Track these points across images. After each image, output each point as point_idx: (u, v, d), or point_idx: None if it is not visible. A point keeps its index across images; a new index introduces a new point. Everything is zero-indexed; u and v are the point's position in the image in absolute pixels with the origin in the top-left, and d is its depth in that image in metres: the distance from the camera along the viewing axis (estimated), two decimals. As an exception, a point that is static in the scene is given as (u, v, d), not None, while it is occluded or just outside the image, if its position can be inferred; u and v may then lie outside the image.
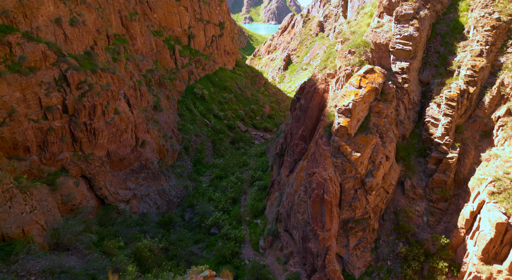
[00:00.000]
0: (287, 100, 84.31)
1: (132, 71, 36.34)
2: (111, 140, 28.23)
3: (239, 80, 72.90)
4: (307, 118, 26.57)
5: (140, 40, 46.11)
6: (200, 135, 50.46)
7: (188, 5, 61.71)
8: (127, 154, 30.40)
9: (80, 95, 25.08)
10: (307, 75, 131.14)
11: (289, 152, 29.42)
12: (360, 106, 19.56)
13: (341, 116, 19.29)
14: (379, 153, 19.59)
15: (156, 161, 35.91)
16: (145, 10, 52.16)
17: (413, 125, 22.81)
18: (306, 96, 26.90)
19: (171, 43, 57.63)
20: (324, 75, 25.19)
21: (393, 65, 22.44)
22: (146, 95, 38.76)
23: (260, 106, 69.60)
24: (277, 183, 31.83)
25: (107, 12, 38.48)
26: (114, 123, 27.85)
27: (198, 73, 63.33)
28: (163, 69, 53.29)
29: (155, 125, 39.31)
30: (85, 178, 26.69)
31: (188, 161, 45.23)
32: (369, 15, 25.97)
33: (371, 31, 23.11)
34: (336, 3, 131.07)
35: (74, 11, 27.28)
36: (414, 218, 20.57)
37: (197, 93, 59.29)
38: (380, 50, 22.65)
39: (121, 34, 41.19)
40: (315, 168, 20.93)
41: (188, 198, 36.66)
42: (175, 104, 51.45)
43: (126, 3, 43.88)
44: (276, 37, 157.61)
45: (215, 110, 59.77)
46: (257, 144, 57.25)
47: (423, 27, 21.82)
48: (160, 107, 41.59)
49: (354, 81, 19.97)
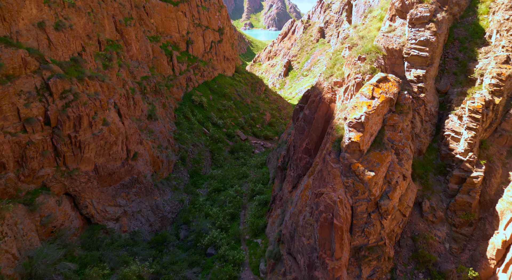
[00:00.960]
0: (288, 107, 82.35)
1: (125, 79, 34.30)
2: (99, 153, 26.02)
3: (239, 87, 71.01)
4: (312, 130, 24.39)
5: (135, 46, 44.23)
6: (197, 144, 48.27)
7: (187, 10, 60.09)
8: (117, 168, 28.15)
9: (64, 105, 22.95)
10: (308, 81, 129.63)
11: (292, 166, 27.18)
12: (374, 119, 17.40)
13: (352, 130, 17.11)
14: (395, 172, 17.36)
15: (150, 174, 33.64)
16: (141, 15, 50.43)
17: (430, 139, 20.61)
18: (311, 106, 24.75)
19: (169, 49, 55.81)
20: (331, 84, 23.09)
21: (407, 73, 20.34)
22: (140, 104, 36.67)
23: (260, 114, 67.56)
24: (279, 198, 29.51)
25: (100, 16, 36.60)
26: (103, 135, 25.67)
27: (196, 80, 61.44)
28: (159, 76, 51.34)
29: (150, 135, 37.14)
30: (69, 195, 24.41)
31: (184, 172, 42.96)
32: (378, 18, 23.97)
33: (382, 35, 21.07)
34: (337, 9, 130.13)
35: (60, 15, 25.31)
36: (434, 245, 18.24)
37: (195, 100, 57.30)
38: (393, 57, 20.57)
39: (114, 39, 39.28)
40: (322, 187, 18.67)
41: (183, 213, 34.30)
42: (172, 112, 49.38)
43: (120, 7, 42.09)
44: (276, 43, 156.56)
45: (213, 118, 57.70)
46: (257, 154, 55.00)
47: (441, 31, 19.78)
48: (155, 116, 39.47)
49: (366, 90, 17.84)
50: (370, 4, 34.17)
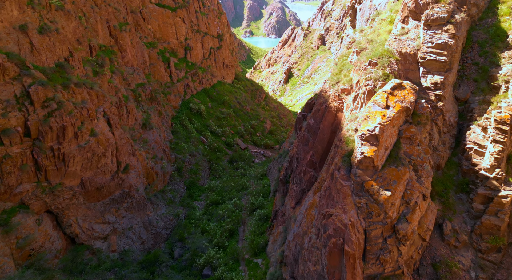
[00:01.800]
0: (289, 115, 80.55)
1: (117, 86, 32.47)
2: (86, 166, 23.97)
3: (239, 94, 69.30)
4: (317, 141, 22.39)
5: (130, 52, 42.56)
6: (195, 154, 46.22)
7: (185, 16, 58.73)
8: (106, 181, 26.06)
9: (46, 114, 21.00)
10: (308, 89, 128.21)
11: (295, 180, 25.10)
12: (389, 131, 15.42)
13: (364, 144, 15.10)
14: (414, 191, 15.30)
15: (143, 187, 31.52)
16: (138, 20, 48.93)
17: (449, 152, 18.59)
18: (316, 116, 22.80)
19: (166, 56, 54.23)
20: (337, 91, 21.17)
21: (423, 79, 18.44)
22: (134, 112, 34.75)
23: (260, 122, 65.68)
24: (281, 214, 27.35)
25: (93, 21, 34.97)
26: (90, 146, 23.65)
27: (194, 87, 59.74)
28: (156, 83, 49.60)
29: (144, 146, 35.13)
30: (52, 213, 22.28)
31: (181, 184, 40.82)
32: (388, 21, 22.19)
33: (394, 38, 19.24)
34: (337, 16, 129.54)
35: (46, 18, 23.56)
36: (458, 274, 16.06)
37: (193, 108, 55.47)
38: (406, 61, 18.69)
39: (108, 45, 37.61)
40: (331, 207, 16.58)
41: (179, 229, 32.04)
42: (168, 121, 47.46)
43: (115, 12, 40.54)
44: (276, 50, 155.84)
45: (212, 126, 55.78)
46: (257, 163, 52.90)
47: (460, 34, 17.94)
48: (150, 125, 37.53)
49: (380, 99, 15.90)
50: (376, 8, 32.52)
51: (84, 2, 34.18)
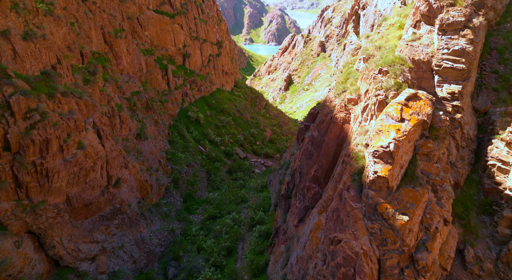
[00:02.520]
0: (290, 123, 79.03)
1: (110, 95, 30.92)
2: (72, 182, 22.23)
3: (238, 102, 67.87)
4: (321, 155, 20.71)
5: (126, 59, 41.21)
6: (192, 164, 44.48)
7: (183, 22, 57.65)
8: (95, 197, 24.30)
9: (28, 126, 19.37)
10: (309, 96, 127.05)
11: (298, 195, 23.34)
12: (404, 146, 13.75)
13: (378, 162, 13.41)
14: (435, 215, 13.57)
15: (136, 201, 29.71)
16: (134, 27, 47.76)
17: (468, 169, 16.90)
18: (320, 127, 21.16)
19: (164, 63, 52.93)
20: (344, 101, 19.58)
21: (438, 89, 16.84)
22: (128, 122, 33.14)
23: (260, 130, 64.09)
24: (283, 232, 25.50)
25: (86, 27, 33.65)
26: (77, 160, 21.95)
27: (193, 95, 58.32)
28: (153, 91, 48.16)
29: (138, 157, 33.43)
30: (33, 234, 20.47)
31: (177, 196, 38.99)
32: (397, 26, 20.73)
33: (406, 45, 17.72)
34: (338, 23, 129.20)
35: (32, 23, 22.12)
36: (484, 308, 14.22)
37: (192, 116, 53.94)
38: (420, 69, 17.13)
39: (102, 52, 36.24)
40: (339, 232, 14.81)
41: (174, 246, 30.13)
42: (165, 130, 45.86)
43: (111, 18, 39.31)
44: (276, 58, 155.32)
45: (211, 135, 54.17)
46: (257, 174, 51.10)
47: (478, 39, 16.43)
48: (145, 135, 35.89)
49: (393, 111, 14.27)
50: (381, 14, 31.16)
51: (77, 8, 32.93)
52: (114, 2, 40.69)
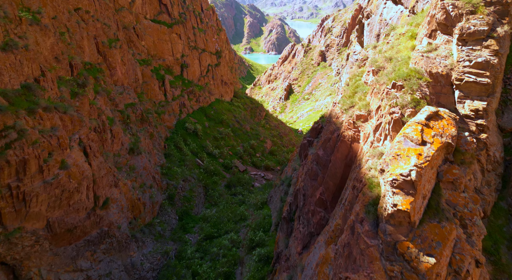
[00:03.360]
0: (290, 133, 77.24)
1: (101, 107, 29.17)
2: (54, 205, 20.24)
3: (238, 112, 66.21)
4: (328, 177, 18.78)
5: (121, 70, 39.65)
6: (189, 179, 42.45)
7: (182, 32, 56.45)
8: (79, 221, 22.25)
9: (3, 146, 17.50)
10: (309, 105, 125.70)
11: (301, 219, 21.31)
12: (427, 174, 11.85)
13: (397, 193, 11.49)
14: (465, 256, 11.58)
15: (126, 222, 27.62)
16: (130, 36, 46.41)
17: (495, 196, 14.97)
18: (326, 146, 19.29)
19: (161, 73, 51.44)
20: (352, 118, 17.77)
21: (459, 105, 15.03)
22: (120, 136, 31.30)
23: (260, 141, 62.24)
24: (285, 258, 23.36)
25: (78, 37, 32.17)
26: (59, 181, 20.01)
27: (191, 106, 56.69)
28: (149, 102, 46.50)
29: (130, 173, 31.47)
30: (7, 265, 18.37)
31: (172, 214, 36.85)
32: (408, 36, 19.09)
33: (421, 56, 16.00)
34: (338, 33, 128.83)
35: (13, 33, 20.50)
36: None
37: (189, 128, 52.16)
38: (438, 84, 15.36)
39: (95, 62, 34.68)
40: (352, 272, 12.77)
41: (167, 271, 27.89)
42: (161, 142, 44.00)
43: (105, 28, 37.90)
44: (276, 67, 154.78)
45: (209, 147, 52.29)
46: (257, 188, 49.03)
47: (503, 50, 14.71)
48: (139, 149, 34.00)
49: (412, 132, 12.42)
50: (387, 23, 29.63)
51: (68, 17, 31.51)
52: (109, 12, 39.37)
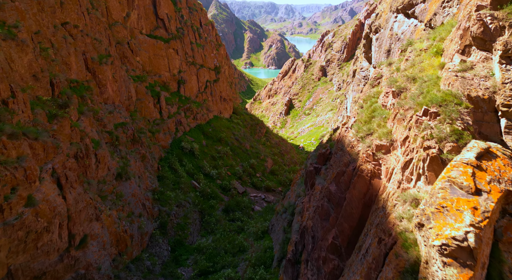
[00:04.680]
0: (292, 151, 74.31)
1: (85, 130, 26.37)
2: (17, 250, 17.07)
3: (237, 130, 63.52)
4: (342, 217, 15.72)
5: (112, 87, 37.15)
6: (184, 204, 39.19)
7: (179, 47, 54.49)
8: (50, 265, 18.99)
9: (-48, 183, 14.53)
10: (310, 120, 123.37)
11: (310, 265, 18.08)
12: (486, 235, 8.86)
13: (450, 264, 8.47)
14: None
15: (109, 261, 24.27)
16: (124, 52, 44.23)
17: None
18: (339, 180, 16.33)
19: (156, 90, 49.04)
20: (371, 148, 14.89)
21: (507, 137, 12.18)
22: (107, 160, 28.37)
23: (261, 160, 59.23)
24: (290, 308, 19.96)
25: (64, 53, 29.76)
26: (23, 222, 16.92)
27: (188, 123, 54.03)
28: (142, 121, 43.83)
29: (116, 202, 28.31)
30: (-49, 329, 15.04)
31: (164, 245, 33.41)
32: (433, 51, 16.49)
33: (455, 76, 13.28)
34: (338, 48, 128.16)
35: (-21, 49, 17.91)
36: None
37: (185, 147, 49.28)
38: (478, 110, 12.58)
39: (83, 80, 32.17)
40: None
41: (154, 317, 24.34)
42: (154, 164, 41.01)
43: (96, 43, 35.65)
44: (276, 82, 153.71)
45: (206, 167, 49.23)
46: (257, 212, 45.69)
47: (560, 70, 11.98)
48: (127, 174, 30.98)
49: (461, 177, 9.53)
50: (398, 37, 27.28)
51: (53, 32, 29.21)
52: (101, 26, 37.26)
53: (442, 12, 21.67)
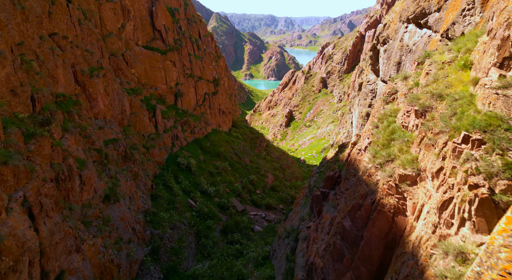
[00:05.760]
0: (293, 165, 71.78)
1: (69, 149, 24.03)
2: (-26, 296, 14.44)
3: (236, 144, 61.21)
4: (359, 260, 13.20)
5: (103, 101, 35.03)
6: (178, 226, 36.46)
7: (176, 59, 52.77)
8: (16, 310, 16.28)
9: None
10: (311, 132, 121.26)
11: (319, 312, 15.41)
12: None
13: None
14: None
15: (90, 297, 21.51)
16: (119, 64, 42.37)
17: None
18: (355, 216, 13.89)
19: (152, 103, 46.98)
20: (393, 179, 12.54)
21: None
22: (93, 182, 25.91)
23: (261, 176, 56.68)
24: None
25: (51, 66, 27.74)
26: (-17, 263, 14.35)
27: (185, 138, 51.75)
28: (136, 136, 41.56)
29: (103, 228, 25.69)
30: None
31: (155, 272, 30.55)
32: (460, 65, 14.35)
33: (495, 94, 11.07)
34: (339, 60, 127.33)
35: None
36: None
37: (182, 163, 46.84)
38: (528, 135, 10.28)
39: (72, 94, 30.04)
40: None
41: None
42: (147, 182, 38.50)
43: (87, 55, 33.73)
44: (276, 93, 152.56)
45: (203, 184, 46.66)
46: (257, 233, 42.90)
47: None
48: (116, 196, 28.45)
49: (529, 231, 7.15)
50: (410, 49, 25.31)
51: (39, 43, 27.25)
52: (93, 37, 35.44)
53: (462, 21, 19.71)
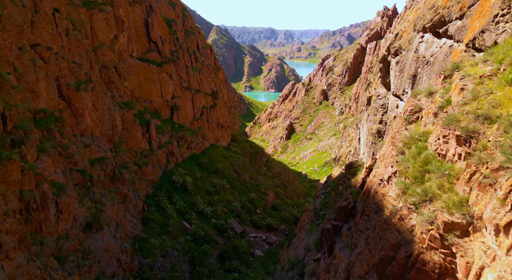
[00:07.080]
0: (295, 182, 68.65)
1: (44, 173, 21.15)
2: None
3: (235, 159, 58.31)
4: None
5: (91, 117, 32.37)
6: (171, 253, 33.18)
7: (173, 71, 50.51)
8: None
9: None
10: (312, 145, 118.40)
11: None
12: None
13: None
14: None
15: None
16: (110, 77, 39.97)
17: None
18: (383, 271, 10.92)
19: (146, 117, 44.37)
20: (436, 226, 9.65)
21: None
22: (72, 209, 22.91)
23: (261, 194, 53.54)
24: None
25: (31, 79, 25.18)
26: None
27: (181, 154, 48.91)
28: (128, 153, 38.75)
29: (81, 262, 22.52)
30: None
31: (143, 309, 27.19)
32: (507, 79, 11.69)
33: None
34: (339, 72, 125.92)
35: None
36: None
37: (177, 181, 43.85)
38: None
39: (54, 109, 27.45)
40: None
41: None
42: (139, 204, 35.44)
43: (74, 67, 31.28)
44: (277, 105, 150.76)
45: (200, 204, 43.53)
46: (258, 258, 39.51)
47: None
48: (100, 224, 25.38)
49: None
50: (427, 61, 22.81)
51: (18, 54, 24.76)
52: (81, 49, 33.08)
53: (494, 28, 17.19)
